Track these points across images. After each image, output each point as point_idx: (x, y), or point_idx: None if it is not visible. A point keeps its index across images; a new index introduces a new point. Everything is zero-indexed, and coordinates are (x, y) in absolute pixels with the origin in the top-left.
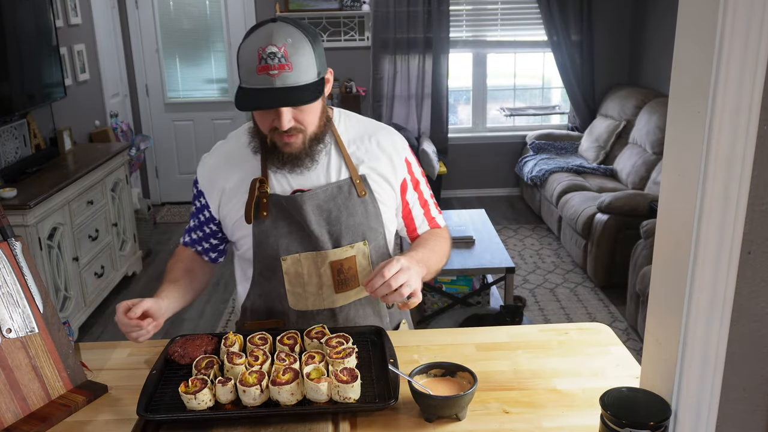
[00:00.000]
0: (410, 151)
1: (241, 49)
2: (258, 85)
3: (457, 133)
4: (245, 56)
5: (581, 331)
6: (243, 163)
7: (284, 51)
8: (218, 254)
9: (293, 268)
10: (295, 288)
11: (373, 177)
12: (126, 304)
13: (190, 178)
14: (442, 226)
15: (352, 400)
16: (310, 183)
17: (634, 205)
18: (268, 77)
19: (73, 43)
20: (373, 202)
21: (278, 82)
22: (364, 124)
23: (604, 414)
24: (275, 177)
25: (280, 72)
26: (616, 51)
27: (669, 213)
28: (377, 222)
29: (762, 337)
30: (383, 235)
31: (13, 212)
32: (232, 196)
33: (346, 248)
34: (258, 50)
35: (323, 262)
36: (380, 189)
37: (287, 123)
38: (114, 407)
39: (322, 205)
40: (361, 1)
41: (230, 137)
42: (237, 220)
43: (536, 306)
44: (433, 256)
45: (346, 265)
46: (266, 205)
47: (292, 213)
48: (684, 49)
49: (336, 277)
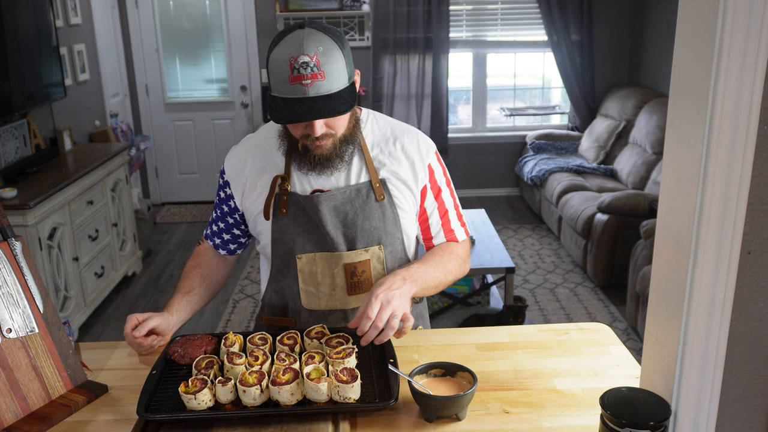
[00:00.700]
0: (437, 158)
1: (271, 58)
2: (291, 94)
3: (457, 133)
4: (276, 65)
5: (581, 331)
6: (268, 158)
7: (316, 60)
8: (237, 246)
9: (308, 267)
10: (308, 287)
11: (393, 182)
12: (134, 320)
13: (190, 178)
14: (461, 240)
15: (352, 400)
16: (329, 184)
17: (634, 205)
18: (301, 87)
19: (73, 43)
20: (392, 207)
21: (311, 91)
22: (391, 127)
23: (604, 414)
24: (297, 175)
25: (313, 81)
26: (616, 51)
27: (669, 213)
28: (394, 227)
29: (762, 337)
30: (401, 241)
31: (13, 212)
32: (254, 189)
33: (360, 251)
34: (289, 60)
35: (337, 264)
36: (400, 194)
37: (320, 130)
38: (114, 407)
39: (339, 207)
40: (361, 1)
41: (260, 131)
42: (257, 213)
43: (536, 306)
44: (434, 272)
45: (360, 268)
46: (286, 203)
47: (309, 213)
48: (684, 49)
49: (349, 279)
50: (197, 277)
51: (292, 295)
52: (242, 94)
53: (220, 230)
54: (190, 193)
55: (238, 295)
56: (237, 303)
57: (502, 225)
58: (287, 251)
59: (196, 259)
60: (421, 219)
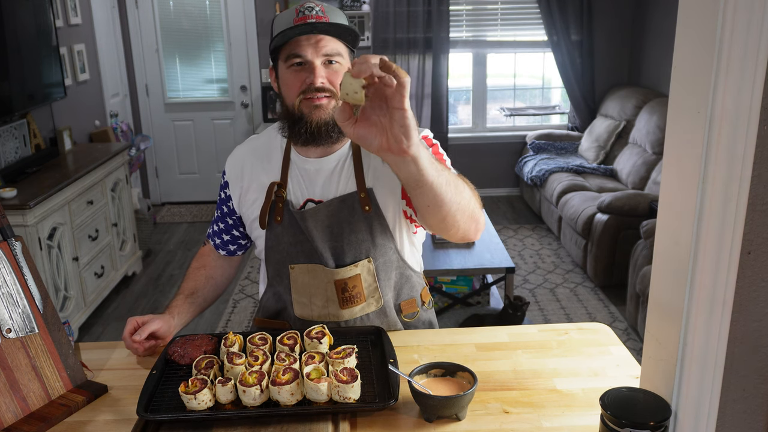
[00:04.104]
0: (430, 136)
1: (277, 17)
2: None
3: (457, 133)
4: (281, 19)
5: (581, 331)
6: (268, 163)
7: (321, 8)
8: (238, 247)
9: (301, 277)
10: (301, 297)
11: (379, 189)
12: (134, 323)
13: (190, 178)
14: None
15: (352, 400)
16: (322, 192)
17: (634, 205)
18: (306, 24)
19: (73, 43)
20: (379, 219)
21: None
22: None
23: (604, 414)
24: (291, 182)
25: (317, 20)
26: (616, 51)
27: (669, 213)
28: (384, 238)
29: (762, 337)
30: (394, 250)
31: (13, 212)
32: (250, 193)
33: (350, 267)
34: (295, 8)
35: (329, 279)
36: (387, 204)
37: (320, 77)
38: (114, 407)
39: (325, 221)
40: (361, 1)
41: (264, 132)
42: (254, 219)
43: (536, 306)
44: (440, 168)
45: (350, 283)
46: (281, 210)
47: (300, 225)
48: (684, 49)
49: (340, 294)
50: (202, 278)
51: (285, 303)
52: (242, 94)
53: (221, 230)
54: (190, 193)
55: (238, 295)
56: (237, 303)
57: (502, 225)
58: (280, 260)
59: (200, 260)
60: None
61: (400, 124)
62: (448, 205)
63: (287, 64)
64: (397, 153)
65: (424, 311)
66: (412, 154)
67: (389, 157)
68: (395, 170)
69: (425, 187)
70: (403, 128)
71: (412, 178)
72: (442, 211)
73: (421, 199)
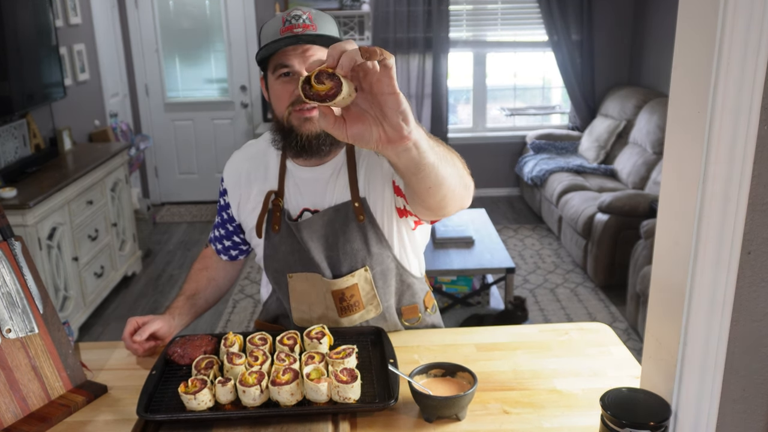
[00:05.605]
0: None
1: (265, 25)
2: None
3: (458, 132)
4: (269, 27)
5: (581, 331)
6: (265, 170)
7: (309, 15)
8: (239, 252)
9: (299, 286)
10: (300, 305)
11: (372, 197)
12: (133, 324)
13: (189, 178)
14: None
15: (352, 401)
16: (317, 201)
17: (634, 205)
18: (292, 35)
19: (72, 43)
20: (374, 228)
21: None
22: None
23: (604, 414)
24: (289, 191)
25: (304, 30)
26: (616, 51)
27: (669, 213)
28: (380, 246)
29: (762, 337)
30: (392, 257)
31: (13, 212)
32: (249, 202)
33: (347, 277)
34: (282, 17)
35: (326, 289)
36: (381, 211)
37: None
38: (114, 407)
39: (320, 231)
40: (361, 1)
41: (261, 138)
42: (252, 228)
43: (536, 306)
44: (438, 147)
45: (348, 293)
46: (279, 219)
47: (296, 236)
48: (684, 49)
49: (338, 304)
50: (204, 279)
51: (284, 311)
52: (242, 94)
53: (222, 236)
54: (190, 193)
55: (237, 295)
56: (237, 303)
57: (503, 225)
58: (279, 269)
59: (203, 262)
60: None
61: (396, 109)
62: (448, 181)
63: (275, 75)
64: (397, 142)
65: (428, 316)
66: (414, 138)
67: (389, 149)
68: (394, 161)
69: (426, 169)
70: (401, 113)
71: (413, 164)
72: (443, 189)
73: (423, 183)
